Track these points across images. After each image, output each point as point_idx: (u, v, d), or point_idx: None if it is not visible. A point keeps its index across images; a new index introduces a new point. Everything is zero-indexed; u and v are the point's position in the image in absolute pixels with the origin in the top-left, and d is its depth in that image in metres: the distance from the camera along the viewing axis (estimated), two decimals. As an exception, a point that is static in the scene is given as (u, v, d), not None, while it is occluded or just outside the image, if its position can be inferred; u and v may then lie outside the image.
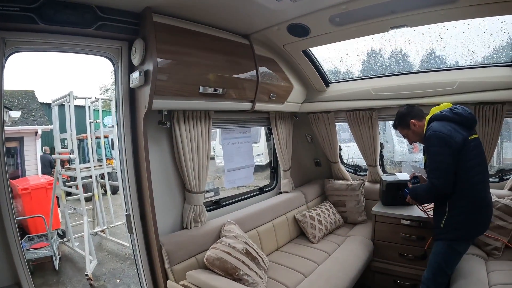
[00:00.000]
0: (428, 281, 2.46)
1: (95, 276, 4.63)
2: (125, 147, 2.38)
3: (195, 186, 2.64)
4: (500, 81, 2.88)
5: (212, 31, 2.50)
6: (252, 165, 3.64)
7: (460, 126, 2.30)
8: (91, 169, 5.57)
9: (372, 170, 4.11)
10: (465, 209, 2.28)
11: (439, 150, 2.25)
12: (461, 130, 2.28)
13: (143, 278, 2.53)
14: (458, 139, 2.22)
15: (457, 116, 2.33)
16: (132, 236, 2.49)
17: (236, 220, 2.87)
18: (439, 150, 2.25)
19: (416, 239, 3.10)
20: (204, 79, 2.40)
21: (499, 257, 2.85)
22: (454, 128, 2.27)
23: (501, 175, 3.54)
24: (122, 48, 2.28)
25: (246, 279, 2.33)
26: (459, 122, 2.32)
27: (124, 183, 2.43)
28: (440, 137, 2.25)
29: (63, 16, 1.85)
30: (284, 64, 3.31)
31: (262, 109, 3.21)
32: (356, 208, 3.98)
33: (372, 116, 3.72)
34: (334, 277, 2.70)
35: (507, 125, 4.43)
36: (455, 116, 2.33)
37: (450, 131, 2.24)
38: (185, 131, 2.53)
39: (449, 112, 2.36)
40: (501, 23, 2.59)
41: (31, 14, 1.75)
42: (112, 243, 6.00)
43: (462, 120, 2.32)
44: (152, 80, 2.04)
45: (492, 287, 2.40)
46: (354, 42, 3.09)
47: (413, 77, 3.28)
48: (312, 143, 4.55)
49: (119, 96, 2.36)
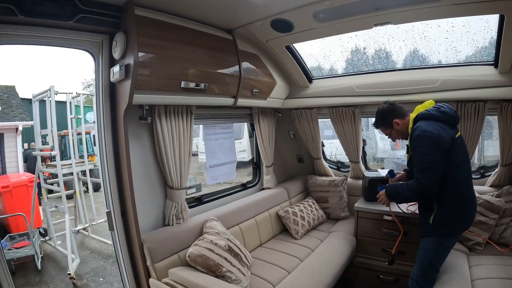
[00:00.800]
0: (418, 277, 2.47)
1: (78, 275, 4.57)
2: (105, 143, 2.34)
3: (177, 182, 2.61)
4: (482, 79, 2.93)
5: (195, 25, 2.47)
6: (235, 161, 3.62)
7: (447, 125, 2.29)
8: (72, 166, 5.48)
9: (354, 167, 4.15)
10: (454, 206, 2.30)
11: (428, 150, 2.21)
12: (448, 129, 2.27)
13: (125, 276, 2.50)
14: (447, 138, 2.21)
15: (444, 115, 2.31)
16: (113, 233, 2.45)
17: (219, 217, 2.85)
18: (429, 150, 2.21)
19: (399, 235, 3.11)
20: (186, 74, 2.36)
21: (480, 252, 2.92)
22: (441, 127, 2.25)
23: (482, 172, 3.63)
24: (103, 42, 2.23)
25: (229, 276, 2.32)
26: (446, 121, 2.30)
27: (105, 179, 2.39)
28: (429, 137, 2.21)
29: (43, 8, 1.80)
30: (267, 59, 3.30)
31: (244, 105, 3.19)
32: (339, 204, 4.00)
33: (354, 112, 3.74)
34: (317, 273, 2.71)
35: (488, 123, 4.50)
36: (442, 115, 2.30)
37: (438, 130, 2.22)
38: (166, 126, 2.49)
39: (436, 110, 2.32)
40: (485, 23, 2.62)
41: (11, 5, 1.70)
42: (94, 241, 5.92)
43: (449, 119, 2.31)
44: (132, 74, 2.00)
45: (474, 281, 2.45)
46: (338, 39, 3.10)
47: (396, 74, 3.31)
48: (295, 139, 4.55)
49: (99, 91, 2.30)
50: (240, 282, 2.36)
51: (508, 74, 2.81)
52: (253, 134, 3.96)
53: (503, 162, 3.23)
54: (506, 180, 3.28)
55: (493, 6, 2.25)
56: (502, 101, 3.00)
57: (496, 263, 2.67)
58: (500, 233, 2.95)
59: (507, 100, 2.97)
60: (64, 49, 2.20)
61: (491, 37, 2.76)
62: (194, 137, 7.70)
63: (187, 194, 2.87)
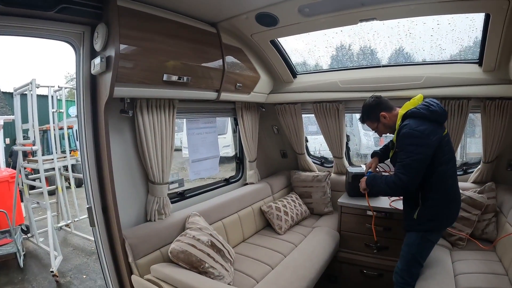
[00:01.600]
0: (402, 272, 2.48)
1: (60, 273, 4.48)
2: (85, 137, 2.28)
3: (159, 177, 2.57)
4: (466, 77, 2.96)
5: (178, 18, 2.42)
6: (218, 156, 3.59)
7: (435, 124, 2.26)
8: (54, 161, 5.37)
9: (338, 162, 4.16)
10: (439, 201, 2.31)
11: (414, 148, 2.19)
12: (437, 128, 2.25)
13: (107, 273, 2.45)
14: (434, 139, 2.20)
15: (433, 114, 2.26)
16: (95, 230, 2.40)
17: (201, 212, 2.82)
18: (415, 148, 2.19)
19: (382, 230, 3.15)
20: (169, 67, 2.32)
21: (463, 247, 2.98)
22: (430, 127, 2.21)
23: (465, 169, 3.70)
24: (84, 33, 2.16)
25: (211, 272, 2.29)
26: (435, 120, 2.26)
27: (85, 174, 2.34)
28: (418, 137, 2.19)
29: (23, -3, 1.72)
30: (251, 54, 3.27)
31: (228, 99, 3.16)
32: (322, 199, 4.02)
33: (338, 108, 3.74)
34: (301, 268, 2.71)
35: (471, 121, 4.57)
36: (431, 114, 2.26)
37: (427, 130, 2.19)
38: (148, 120, 2.45)
39: (426, 109, 2.27)
40: (470, 21, 2.64)
41: (-12, -6, 1.62)
42: (77, 237, 5.83)
43: (438, 118, 2.28)
44: (114, 66, 1.95)
45: (457, 276, 2.50)
46: (323, 34, 3.08)
47: (381, 71, 3.33)
48: (279, 135, 4.54)
49: (80, 84, 2.24)
50: (223, 278, 2.34)
51: (492, 72, 2.85)
52: (236, 129, 3.94)
53: (486, 159, 3.29)
54: (489, 176, 3.36)
55: (479, 5, 2.28)
56: (485, 99, 3.06)
57: (478, 258, 2.73)
58: (483, 228, 3.01)
59: (490, 98, 3.03)
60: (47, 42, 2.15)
61: (476, 36, 2.78)
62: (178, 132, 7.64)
63: (169, 189, 2.83)
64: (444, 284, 2.36)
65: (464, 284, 2.38)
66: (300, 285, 2.51)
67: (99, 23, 2.03)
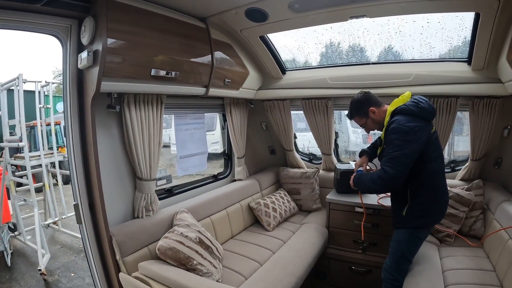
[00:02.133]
0: (391, 268, 2.50)
1: (48, 271, 4.43)
2: (72, 133, 2.24)
3: (146, 173, 2.54)
4: (455, 75, 2.98)
5: (167, 12, 2.38)
6: (206, 152, 3.56)
7: (424, 121, 2.24)
8: (41, 157, 5.29)
9: (326, 159, 4.17)
10: (428, 198, 2.31)
11: (402, 143, 2.15)
12: (426, 125, 2.24)
13: (95, 271, 2.42)
14: (423, 135, 2.18)
15: (422, 111, 2.24)
16: (81, 227, 2.37)
17: (189, 209, 2.79)
18: (403, 143, 2.15)
19: (371, 226, 3.17)
20: (157, 62, 2.28)
21: (451, 244, 3.00)
22: (419, 123, 2.20)
23: (452, 166, 3.74)
24: (72, 27, 2.12)
25: (200, 269, 2.28)
26: (424, 117, 2.25)
27: (72, 171, 2.29)
28: (406, 132, 2.16)
29: (8, -11, 1.68)
30: (240, 49, 3.25)
31: (216, 95, 3.14)
32: (311, 196, 4.02)
33: (327, 105, 3.74)
34: (289, 265, 2.71)
35: (459, 119, 4.61)
36: (420, 111, 2.24)
37: (416, 126, 2.17)
38: (135, 115, 2.41)
39: (415, 106, 2.25)
40: (460, 20, 2.65)
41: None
42: (65, 235, 5.77)
43: (427, 115, 2.27)
44: (101, 60, 1.92)
45: (445, 272, 2.52)
46: (313, 31, 3.07)
47: (370, 68, 3.34)
48: (267, 131, 4.52)
49: (66, 78, 2.20)
50: (211, 275, 2.33)
51: (480, 71, 2.88)
52: (225, 125, 3.91)
53: (474, 157, 3.32)
54: (476, 174, 3.39)
55: (469, 4, 2.28)
56: (473, 97, 3.08)
57: (466, 255, 2.76)
58: (470, 225, 3.04)
59: (478, 97, 3.05)
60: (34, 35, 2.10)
61: (465, 35, 2.80)
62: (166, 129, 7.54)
63: (157, 186, 2.79)
64: (432, 280, 2.38)
65: (452, 280, 2.40)
66: (288, 282, 2.51)
67: (86, 17, 1.99)
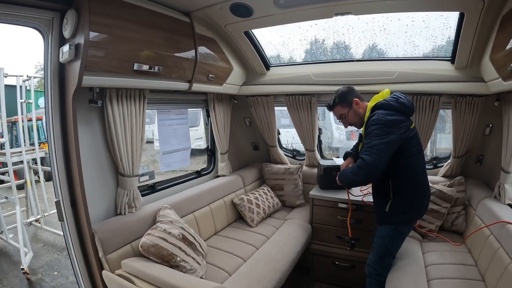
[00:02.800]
0: (375, 264, 2.54)
1: (31, 270, 4.35)
2: (53, 128, 2.20)
3: (129, 169, 2.51)
4: (438, 73, 3.02)
5: (151, 6, 2.33)
6: (189, 147, 3.53)
7: (404, 116, 2.29)
8: (22, 154, 5.19)
9: (310, 155, 4.19)
10: (410, 194, 2.35)
11: (381, 133, 2.18)
12: (406, 120, 2.27)
13: (78, 269, 2.39)
14: (402, 128, 2.22)
15: (402, 106, 2.29)
16: (63, 224, 2.33)
17: (172, 205, 2.77)
18: (382, 133, 2.18)
19: (354, 222, 3.18)
20: (139, 56, 2.25)
21: (433, 239, 3.05)
22: (399, 118, 2.24)
23: (435, 163, 3.80)
24: (54, 19, 2.07)
25: (183, 266, 2.26)
26: (404, 112, 2.30)
27: (53, 167, 2.26)
28: (384, 123, 2.20)
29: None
30: (224, 44, 3.22)
31: (199, 90, 3.11)
32: (294, 192, 4.03)
33: (311, 101, 3.74)
34: (273, 261, 2.71)
35: (442, 117, 4.69)
36: (400, 106, 2.29)
37: (396, 120, 2.21)
38: (118, 110, 2.37)
39: (395, 101, 2.30)
40: (445, 19, 2.69)
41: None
42: (47, 233, 5.65)
43: (406, 110, 2.31)
44: (82, 54, 1.88)
45: (427, 267, 2.57)
46: (298, 27, 3.07)
47: (354, 65, 3.35)
48: (251, 127, 4.51)
49: (47, 73, 2.15)
50: (195, 272, 2.32)
51: (463, 70, 2.92)
52: (208, 121, 3.88)
53: (456, 154, 3.38)
54: (458, 171, 3.46)
55: (454, 3, 2.32)
56: (456, 95, 3.13)
57: (448, 250, 2.81)
58: (452, 221, 3.10)
59: (461, 95, 3.10)
60: (15, 28, 2.03)
61: (450, 35, 2.84)
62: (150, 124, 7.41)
63: (140, 182, 2.76)
64: (415, 275, 2.42)
65: (434, 275, 2.44)
66: (272, 278, 2.52)
67: (68, 9, 1.95)
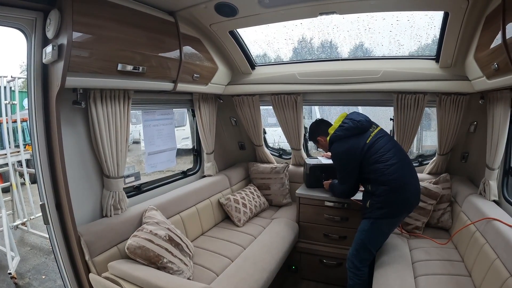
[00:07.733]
0: (353, 256, 2.68)
1: (19, 274, 4.28)
2: (37, 130, 2.17)
3: (114, 171, 2.48)
4: (423, 72, 3.07)
5: (135, 5, 2.32)
6: (174, 148, 3.51)
7: (355, 137, 2.67)
8: (7, 156, 5.09)
9: (296, 154, 4.20)
10: (384, 192, 2.54)
11: (343, 164, 2.78)
12: (358, 140, 2.65)
13: (65, 273, 2.35)
14: (355, 153, 2.62)
15: (349, 131, 2.68)
16: (49, 227, 2.29)
17: (158, 206, 2.76)
18: (344, 164, 2.78)
19: (340, 220, 3.24)
20: (124, 56, 2.23)
21: (419, 237, 3.08)
22: (351, 143, 2.66)
23: (420, 160, 3.85)
24: (37, 19, 2.04)
25: (170, 267, 2.25)
26: (353, 134, 2.67)
27: (37, 169, 2.22)
28: (340, 157, 2.77)
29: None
30: (209, 44, 3.21)
31: (185, 90, 3.09)
32: (281, 191, 4.04)
33: (296, 100, 3.75)
34: (260, 260, 2.72)
35: (427, 115, 4.74)
36: (347, 132, 2.69)
37: (348, 149, 2.66)
38: (102, 111, 2.35)
39: (341, 130, 2.71)
40: (429, 19, 2.74)
41: None
42: (34, 236, 5.56)
43: (355, 131, 2.67)
44: (66, 55, 1.85)
45: (414, 263, 2.61)
46: (283, 26, 3.08)
47: (339, 64, 3.38)
48: (237, 126, 4.50)
49: (31, 74, 2.12)
50: (182, 273, 2.31)
51: (448, 69, 2.98)
52: (193, 121, 3.86)
53: (441, 152, 3.44)
54: (443, 168, 3.52)
55: (439, 3, 2.36)
56: (441, 94, 3.17)
57: (435, 246, 2.86)
58: (438, 217, 3.16)
59: (445, 93, 3.15)
60: None
61: (434, 34, 2.89)
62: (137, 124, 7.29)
63: (125, 183, 2.74)
64: (402, 271, 2.46)
65: (421, 271, 2.48)
66: (260, 277, 2.53)
67: (52, 9, 1.92)
